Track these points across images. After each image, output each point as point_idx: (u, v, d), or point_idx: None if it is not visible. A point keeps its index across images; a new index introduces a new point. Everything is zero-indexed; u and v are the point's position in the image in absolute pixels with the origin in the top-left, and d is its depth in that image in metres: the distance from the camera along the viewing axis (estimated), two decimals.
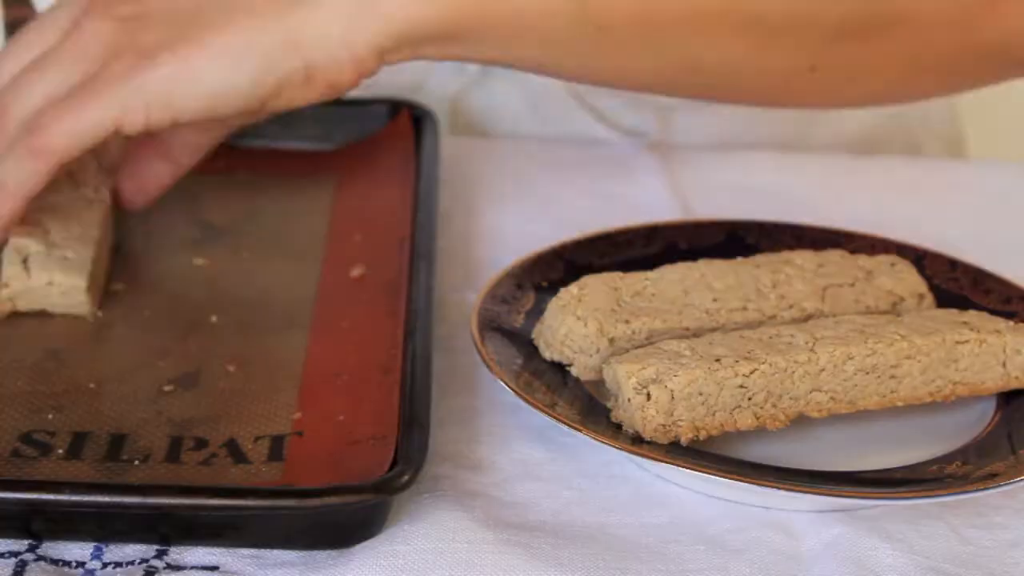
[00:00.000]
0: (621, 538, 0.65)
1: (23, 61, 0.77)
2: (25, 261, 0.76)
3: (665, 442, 0.66)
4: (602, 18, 0.77)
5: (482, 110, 1.03)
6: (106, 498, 0.61)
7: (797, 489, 0.65)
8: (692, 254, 0.78)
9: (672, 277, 0.74)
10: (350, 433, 0.68)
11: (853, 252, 0.78)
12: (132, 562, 0.63)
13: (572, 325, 0.71)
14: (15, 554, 0.63)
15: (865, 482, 0.66)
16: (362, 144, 0.93)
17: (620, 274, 0.74)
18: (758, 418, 0.68)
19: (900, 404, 0.70)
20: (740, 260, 0.76)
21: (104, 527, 0.63)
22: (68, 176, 0.81)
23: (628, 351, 0.70)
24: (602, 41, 0.77)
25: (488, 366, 0.70)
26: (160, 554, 0.63)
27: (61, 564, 0.63)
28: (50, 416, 0.69)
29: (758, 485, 0.65)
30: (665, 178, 0.95)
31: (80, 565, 0.63)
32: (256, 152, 0.93)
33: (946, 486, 0.65)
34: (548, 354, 0.72)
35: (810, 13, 0.78)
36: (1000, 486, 0.65)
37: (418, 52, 0.77)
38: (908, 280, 0.76)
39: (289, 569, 0.63)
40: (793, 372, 0.68)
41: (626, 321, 0.71)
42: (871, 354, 0.69)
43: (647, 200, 0.89)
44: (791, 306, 0.74)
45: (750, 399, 0.67)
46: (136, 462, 0.67)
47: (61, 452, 0.67)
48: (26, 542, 0.63)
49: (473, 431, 0.71)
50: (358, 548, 0.64)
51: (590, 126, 1.03)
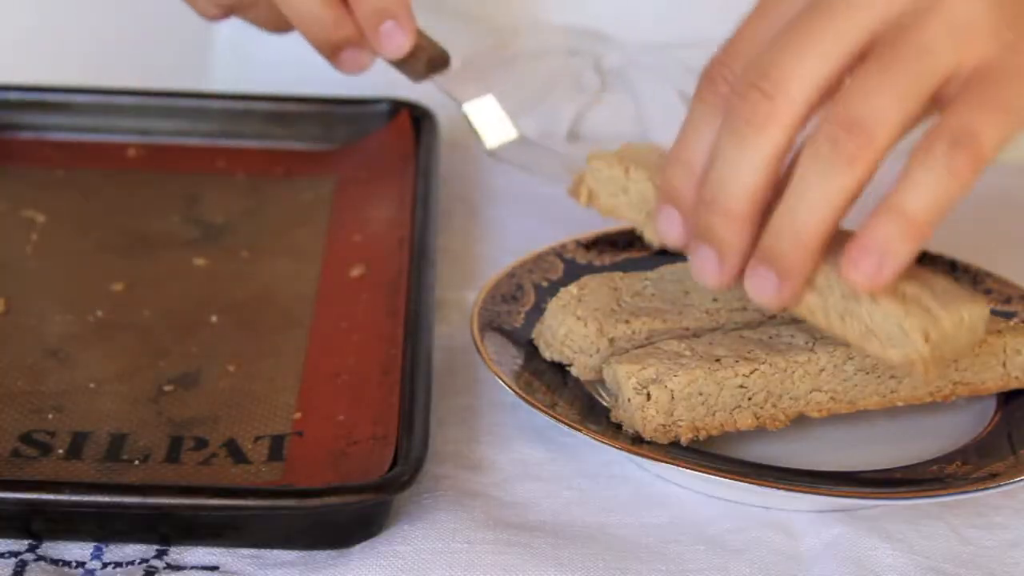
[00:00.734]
0: (621, 538, 0.65)
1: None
2: None
3: (665, 442, 0.66)
4: None
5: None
6: (106, 498, 0.61)
7: (797, 489, 0.65)
8: None
9: (672, 277, 0.74)
10: (350, 433, 0.68)
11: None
12: (132, 562, 0.63)
13: (572, 325, 0.71)
14: (15, 554, 0.63)
15: (865, 482, 0.66)
16: (362, 144, 0.93)
17: (620, 274, 0.74)
18: (758, 418, 0.68)
19: (900, 404, 0.70)
20: None
21: (104, 527, 0.63)
22: None
23: (628, 351, 0.70)
24: None
25: (488, 366, 0.70)
26: (160, 554, 0.63)
27: (61, 564, 0.63)
28: (50, 416, 0.69)
29: (758, 485, 0.65)
30: None
31: (80, 565, 0.63)
32: (256, 152, 0.93)
33: (946, 486, 0.65)
34: (548, 354, 0.72)
35: None
36: (1000, 486, 0.65)
37: None
38: None
39: (289, 569, 0.63)
40: (793, 372, 0.68)
41: (626, 321, 0.71)
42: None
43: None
44: None
45: (750, 399, 0.67)
46: (136, 462, 0.67)
47: (61, 452, 0.67)
48: (26, 542, 0.63)
49: (473, 431, 0.71)
50: (358, 548, 0.64)
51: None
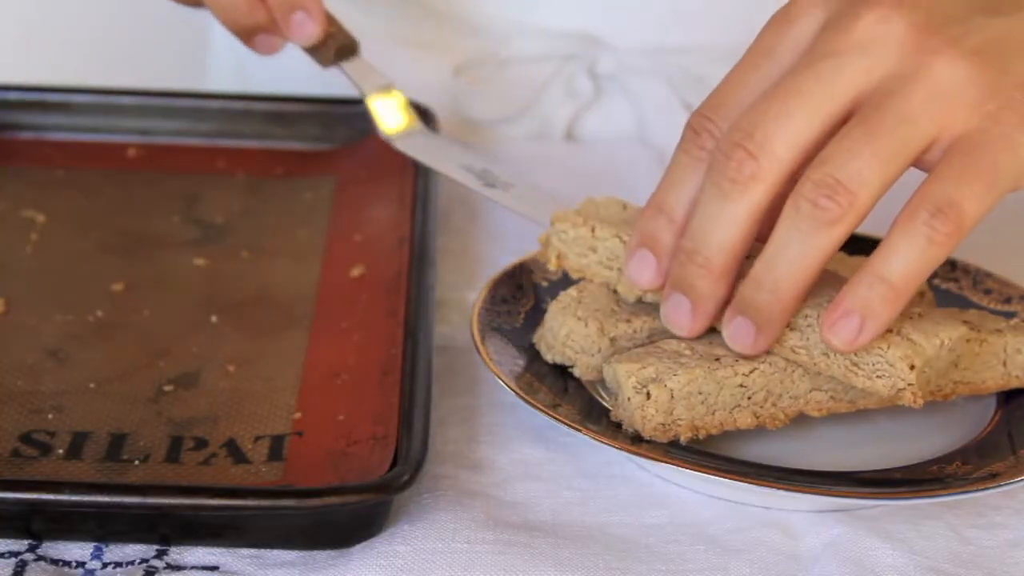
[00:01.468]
0: (621, 538, 0.65)
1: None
2: None
3: (664, 441, 0.66)
4: None
5: (461, 110, 1.02)
6: (106, 498, 0.61)
7: (797, 489, 0.65)
8: None
9: None
10: (350, 433, 0.68)
11: (852, 254, 0.78)
12: (132, 562, 0.63)
13: (573, 326, 0.71)
14: (15, 554, 0.63)
15: (865, 482, 0.66)
16: (362, 144, 0.93)
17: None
18: (758, 417, 0.68)
19: (900, 404, 0.70)
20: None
21: (104, 527, 0.63)
22: None
23: (629, 350, 0.70)
24: None
25: (488, 366, 0.70)
26: (160, 554, 0.63)
27: (61, 564, 0.63)
28: (50, 416, 0.69)
29: (758, 485, 0.65)
30: None
31: (80, 565, 0.63)
32: (256, 152, 0.93)
33: (946, 486, 0.65)
34: (550, 356, 0.72)
35: None
36: (1000, 486, 0.65)
37: None
38: None
39: (289, 569, 0.63)
40: (793, 371, 0.68)
41: (627, 320, 0.71)
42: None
43: (646, 200, 0.88)
44: None
45: (750, 398, 0.67)
46: (136, 462, 0.67)
47: (61, 452, 0.67)
48: (26, 542, 0.63)
49: (473, 431, 0.71)
50: (358, 548, 0.64)
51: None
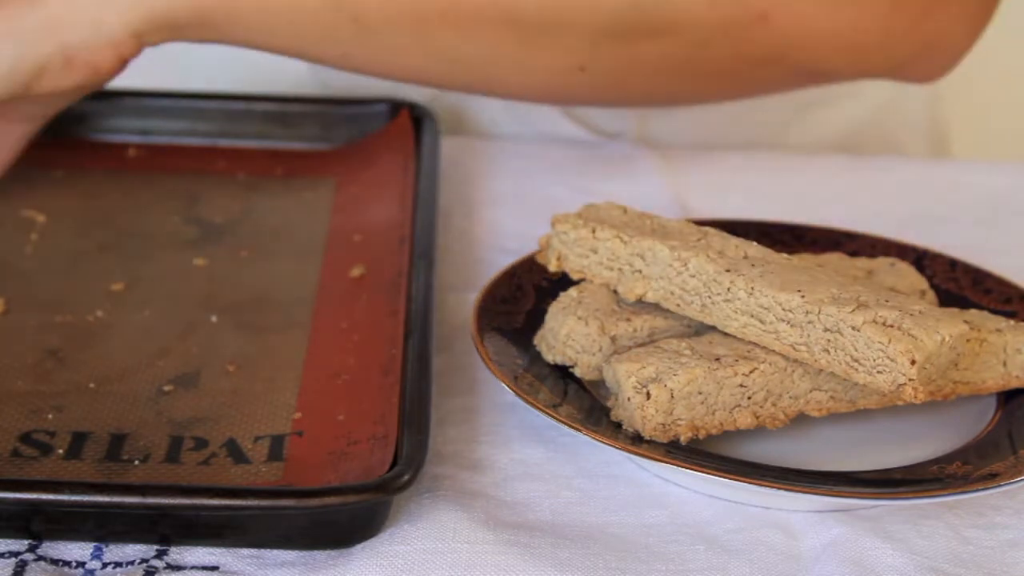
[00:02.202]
0: (621, 538, 0.65)
1: None
2: None
3: (664, 441, 0.66)
4: (358, 9, 0.78)
5: (457, 110, 1.03)
6: (106, 498, 0.61)
7: (797, 489, 0.65)
8: None
9: None
10: (350, 433, 0.68)
11: (853, 254, 0.78)
12: (132, 562, 0.63)
13: (573, 325, 0.71)
14: (15, 554, 0.63)
15: (865, 482, 0.66)
16: (362, 144, 0.93)
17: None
18: (758, 417, 0.68)
19: (900, 404, 0.70)
20: None
21: (104, 527, 0.63)
22: None
23: (630, 349, 0.70)
24: (360, 33, 0.79)
25: (488, 366, 0.70)
26: (160, 554, 0.63)
27: (61, 564, 0.63)
28: (50, 416, 0.69)
29: (758, 485, 0.65)
30: (664, 178, 0.95)
31: (80, 565, 0.63)
32: (256, 152, 0.93)
33: (946, 486, 0.65)
34: (551, 357, 0.72)
35: (571, 15, 0.79)
36: (1000, 486, 0.65)
37: (177, 35, 0.79)
38: (909, 277, 0.76)
39: (289, 569, 0.63)
40: (793, 371, 0.68)
41: (627, 319, 0.71)
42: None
43: (646, 200, 0.88)
44: None
45: (750, 398, 0.67)
46: (136, 462, 0.67)
47: (61, 452, 0.67)
48: (26, 542, 0.63)
49: (473, 431, 0.71)
50: (358, 548, 0.64)
51: (565, 127, 1.02)
